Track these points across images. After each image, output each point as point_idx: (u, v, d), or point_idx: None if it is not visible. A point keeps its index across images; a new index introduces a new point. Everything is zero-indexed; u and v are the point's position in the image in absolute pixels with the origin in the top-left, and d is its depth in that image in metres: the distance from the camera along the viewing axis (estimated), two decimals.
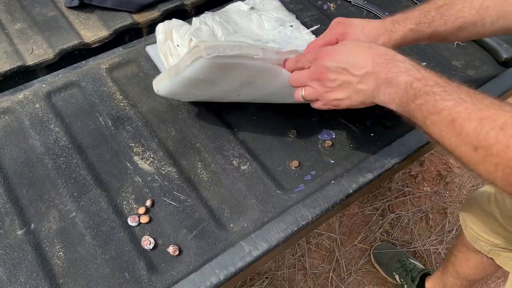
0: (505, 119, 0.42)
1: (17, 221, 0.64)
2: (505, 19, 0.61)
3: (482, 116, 0.43)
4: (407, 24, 0.63)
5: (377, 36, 0.63)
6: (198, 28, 0.83)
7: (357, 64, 0.54)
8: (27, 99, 0.79)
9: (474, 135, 0.43)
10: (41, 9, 0.96)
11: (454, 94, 0.46)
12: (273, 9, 0.92)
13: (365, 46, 0.56)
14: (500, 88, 0.84)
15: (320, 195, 0.69)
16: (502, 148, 0.42)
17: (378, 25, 0.63)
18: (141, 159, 0.73)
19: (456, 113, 0.45)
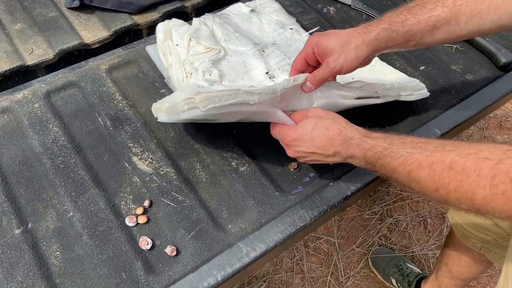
0: (451, 158, 0.47)
1: (15, 220, 0.64)
2: (479, 18, 0.61)
3: (431, 161, 0.49)
4: (380, 25, 0.64)
5: (349, 40, 0.64)
6: (197, 29, 0.83)
7: (322, 147, 0.62)
8: (26, 99, 0.79)
9: (430, 179, 0.49)
10: (41, 9, 0.96)
11: (401, 151, 0.53)
12: (273, 12, 0.93)
13: (323, 128, 0.62)
14: (499, 92, 0.85)
15: (318, 197, 0.69)
16: (457, 183, 0.46)
17: (350, 30, 0.65)
18: (140, 159, 0.72)
19: (409, 165, 0.51)
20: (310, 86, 0.67)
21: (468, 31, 0.63)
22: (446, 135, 0.79)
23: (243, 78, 0.78)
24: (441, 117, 0.80)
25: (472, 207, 0.46)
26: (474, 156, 0.45)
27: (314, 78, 0.66)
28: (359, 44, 0.64)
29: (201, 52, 0.80)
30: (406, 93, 0.77)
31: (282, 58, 0.81)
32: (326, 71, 0.66)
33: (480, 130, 1.85)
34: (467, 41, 0.94)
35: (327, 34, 0.66)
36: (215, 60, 0.79)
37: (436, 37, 0.64)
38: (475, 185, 0.44)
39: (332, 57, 0.64)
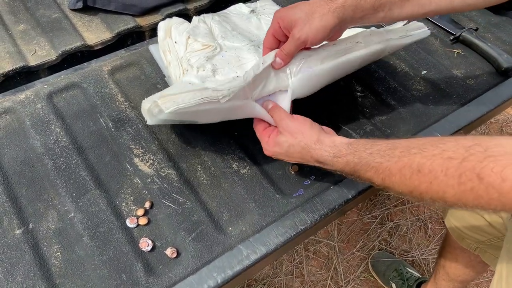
0: (418, 161, 0.49)
1: (16, 221, 0.64)
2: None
3: (400, 167, 0.51)
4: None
5: (313, 9, 0.62)
6: (195, 26, 0.83)
7: (302, 160, 0.64)
8: (28, 99, 0.79)
9: (402, 184, 0.51)
10: (44, 10, 0.96)
11: (371, 162, 0.55)
12: (273, 13, 0.93)
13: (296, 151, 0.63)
14: (500, 97, 0.85)
15: (319, 200, 0.69)
16: (427, 185, 0.48)
17: (315, 0, 0.63)
18: (141, 161, 0.73)
19: (381, 173, 0.53)
20: (280, 62, 0.66)
21: (437, 6, 0.63)
22: None
23: (236, 72, 0.78)
24: (442, 121, 0.80)
25: (446, 204, 0.48)
26: (439, 157, 0.47)
27: (282, 53, 0.65)
28: (324, 13, 0.62)
29: (198, 49, 0.80)
30: (397, 35, 0.72)
31: None
32: (292, 44, 0.64)
33: (482, 135, 1.85)
34: (469, 46, 0.94)
35: (292, 6, 0.65)
36: (210, 57, 0.79)
37: (405, 9, 0.63)
38: (443, 185, 0.46)
39: (297, 28, 0.63)
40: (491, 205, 0.43)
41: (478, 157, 0.43)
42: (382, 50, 0.73)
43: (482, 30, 0.99)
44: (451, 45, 0.95)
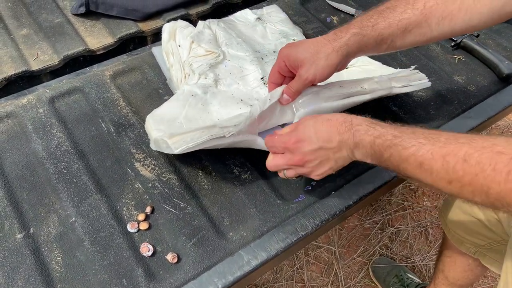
0: (465, 151, 0.46)
1: (17, 225, 0.64)
2: (450, 19, 0.61)
3: (445, 153, 0.47)
4: (350, 30, 0.63)
5: (318, 48, 0.63)
6: (200, 32, 0.84)
7: (328, 139, 0.58)
8: (30, 104, 0.80)
9: (443, 171, 0.48)
10: (47, 15, 0.97)
11: (413, 141, 0.50)
12: (279, 22, 0.93)
13: (324, 119, 0.59)
14: (501, 103, 0.85)
15: (320, 206, 0.69)
16: (471, 177, 0.45)
17: (319, 39, 0.64)
18: (142, 165, 0.73)
19: (420, 156, 0.49)
20: (288, 98, 0.67)
21: (439, 33, 0.63)
22: None
23: (238, 83, 0.79)
24: (443, 127, 0.80)
25: (487, 201, 0.45)
26: (489, 150, 0.44)
27: (290, 90, 0.66)
28: (329, 52, 0.63)
29: (201, 54, 0.81)
30: (400, 84, 0.74)
31: None
32: (299, 83, 0.65)
33: None
34: (470, 52, 0.94)
35: (297, 45, 0.66)
36: (212, 64, 0.79)
37: (407, 40, 0.64)
38: (490, 179, 0.44)
39: (303, 69, 0.64)
40: None
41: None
42: (385, 95, 0.75)
43: (483, 36, 0.99)
44: (452, 51, 0.95)
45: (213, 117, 0.72)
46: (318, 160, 0.60)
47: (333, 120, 0.58)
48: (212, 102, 0.74)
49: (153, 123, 0.69)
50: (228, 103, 0.74)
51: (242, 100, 0.74)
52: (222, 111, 0.73)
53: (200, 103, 0.74)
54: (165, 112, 0.71)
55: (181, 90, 0.75)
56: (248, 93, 0.77)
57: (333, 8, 1.04)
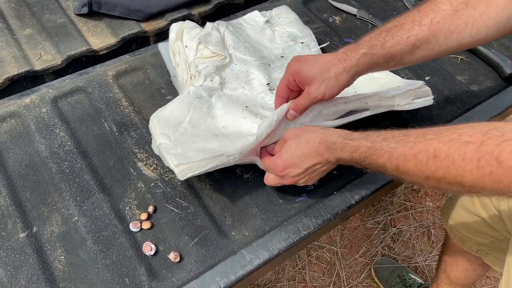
0: (434, 146, 0.48)
1: (20, 224, 0.65)
2: (457, 33, 0.61)
3: (415, 152, 0.50)
4: (359, 50, 0.64)
5: (329, 67, 0.64)
6: (208, 34, 0.84)
7: (311, 161, 0.62)
8: (33, 104, 0.80)
9: (418, 170, 0.50)
10: (50, 15, 0.97)
11: (385, 147, 0.53)
12: (288, 23, 0.93)
13: (304, 142, 0.62)
14: (504, 103, 0.85)
15: (322, 206, 0.69)
16: (444, 170, 0.47)
17: (330, 57, 0.65)
18: (145, 165, 0.73)
19: (395, 159, 0.52)
20: (294, 114, 0.68)
21: (447, 47, 0.64)
22: None
23: (244, 87, 0.79)
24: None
25: (463, 190, 0.47)
26: (456, 142, 0.46)
27: (298, 107, 0.67)
28: (339, 72, 0.64)
29: (207, 56, 0.81)
30: (405, 101, 0.75)
31: None
32: (308, 100, 0.66)
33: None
34: (473, 52, 0.94)
35: (307, 61, 0.66)
36: (219, 67, 0.80)
37: (416, 56, 0.65)
38: (461, 169, 0.45)
39: (313, 87, 0.65)
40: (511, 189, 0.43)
41: (496, 141, 0.43)
42: (388, 110, 0.76)
43: None
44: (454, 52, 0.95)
45: (218, 124, 0.72)
46: (308, 177, 0.65)
47: (311, 142, 0.61)
48: (217, 105, 0.74)
49: (157, 125, 0.70)
50: (233, 110, 0.73)
51: (247, 107, 0.74)
52: (227, 118, 0.73)
53: (205, 106, 0.74)
54: (170, 114, 0.71)
55: (187, 92, 0.75)
56: (254, 98, 0.78)
57: (335, 8, 1.04)
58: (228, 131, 0.71)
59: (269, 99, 0.78)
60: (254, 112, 0.74)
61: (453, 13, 0.61)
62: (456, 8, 0.60)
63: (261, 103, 0.77)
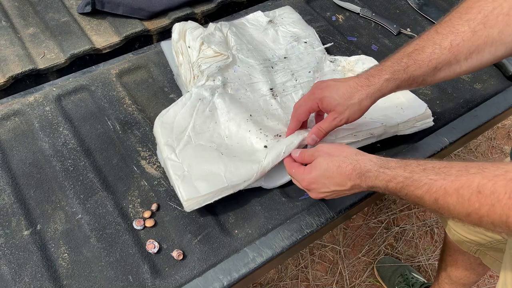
0: (478, 181, 0.45)
1: (24, 222, 0.65)
2: (477, 53, 0.62)
3: (458, 187, 0.47)
4: (382, 75, 0.65)
5: (352, 94, 0.65)
6: (211, 34, 0.84)
7: (340, 184, 0.61)
8: (37, 102, 0.80)
9: (459, 205, 0.47)
10: (54, 14, 0.97)
11: (424, 179, 0.51)
12: (291, 23, 0.93)
13: (335, 166, 0.60)
14: (507, 102, 0.85)
15: (325, 203, 0.69)
16: (488, 208, 0.44)
17: (352, 83, 0.66)
18: (148, 163, 0.73)
19: (434, 193, 0.49)
20: (316, 139, 0.69)
21: (468, 67, 0.64)
22: (454, 144, 0.79)
23: (246, 89, 0.79)
24: (449, 126, 0.80)
25: (508, 229, 0.44)
26: (502, 178, 0.44)
27: (321, 132, 0.68)
28: (362, 98, 0.65)
29: (210, 56, 0.81)
30: (406, 127, 0.76)
31: (288, 79, 0.82)
32: (332, 125, 0.67)
33: (488, 140, 1.84)
34: None
35: (329, 89, 0.67)
36: (222, 67, 0.80)
37: (437, 77, 0.65)
38: (507, 208, 0.43)
39: (337, 112, 0.66)
40: None
41: None
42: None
43: None
44: None
45: (221, 131, 0.73)
46: (333, 195, 0.63)
47: (343, 167, 0.60)
48: (219, 107, 0.74)
49: (161, 133, 0.71)
50: (237, 118, 0.73)
51: (252, 117, 0.74)
52: (231, 126, 0.73)
53: (208, 108, 0.74)
54: (173, 119, 0.72)
55: (189, 94, 0.76)
56: (256, 101, 0.78)
57: (338, 6, 1.04)
58: (232, 143, 0.72)
59: (272, 104, 0.78)
60: (259, 124, 0.73)
61: (472, 35, 0.61)
62: (474, 30, 0.60)
63: (265, 109, 0.77)
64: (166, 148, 0.69)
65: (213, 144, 0.71)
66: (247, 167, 0.67)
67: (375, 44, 0.95)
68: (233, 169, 0.67)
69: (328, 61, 0.87)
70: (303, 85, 0.81)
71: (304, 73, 0.83)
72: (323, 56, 0.87)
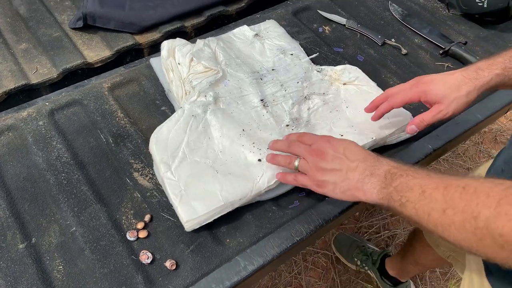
0: (466, 181, 0.49)
1: (19, 235, 0.66)
2: None
3: (447, 184, 0.50)
4: (492, 70, 0.67)
5: (459, 86, 0.67)
6: (200, 49, 0.86)
7: (352, 155, 0.63)
8: (30, 117, 0.81)
9: (441, 199, 0.50)
10: (46, 29, 0.99)
11: (423, 174, 0.55)
12: (277, 37, 0.95)
13: (354, 146, 0.65)
14: (489, 109, 0.87)
15: (314, 211, 0.71)
16: (465, 204, 0.47)
17: (459, 76, 0.68)
18: (141, 175, 0.75)
19: (425, 185, 0.53)
20: (416, 129, 0.72)
21: None
22: (439, 150, 0.81)
23: (238, 102, 0.81)
24: (433, 133, 0.82)
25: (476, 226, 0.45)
26: (489, 181, 0.47)
27: (422, 123, 0.71)
28: (470, 91, 0.67)
29: (201, 71, 0.83)
30: (394, 137, 0.79)
31: (278, 89, 0.84)
32: (436, 118, 0.69)
33: (476, 144, 1.88)
34: (458, 59, 0.97)
35: (435, 82, 0.69)
36: (212, 82, 0.81)
37: None
38: (481, 205, 0.45)
39: (444, 105, 0.68)
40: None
41: None
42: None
43: (471, 43, 1.01)
44: (441, 59, 0.98)
45: (215, 146, 0.74)
46: (332, 166, 0.64)
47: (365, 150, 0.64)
48: (212, 123, 0.76)
49: (156, 150, 0.72)
50: (231, 133, 0.75)
51: (244, 131, 0.76)
52: (224, 141, 0.75)
53: (201, 125, 0.76)
54: (167, 136, 0.74)
55: (181, 110, 0.77)
56: (248, 113, 0.80)
57: (324, 18, 1.07)
58: (226, 158, 0.73)
59: (264, 114, 0.80)
60: (252, 138, 0.75)
61: None
62: None
63: (257, 121, 0.79)
64: (162, 165, 0.71)
65: (208, 160, 0.72)
66: (242, 185, 0.69)
67: (361, 54, 0.98)
68: (229, 187, 0.69)
69: (315, 71, 0.89)
70: (292, 94, 0.83)
71: (292, 83, 0.85)
72: (310, 67, 0.89)
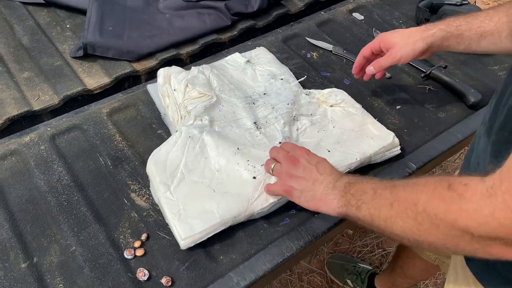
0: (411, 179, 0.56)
1: (21, 255, 0.69)
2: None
3: (396, 184, 0.57)
4: (437, 25, 0.79)
5: (410, 35, 0.80)
6: (195, 76, 0.91)
7: (322, 169, 0.70)
8: (32, 142, 0.85)
9: (389, 195, 0.56)
10: (47, 59, 1.04)
11: (376, 180, 0.62)
12: (267, 63, 1.00)
13: (330, 164, 0.72)
14: (469, 129, 0.92)
15: (303, 228, 0.74)
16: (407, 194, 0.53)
17: (413, 29, 0.81)
18: (138, 195, 0.78)
19: (377, 187, 0.60)
20: (373, 70, 0.84)
21: (505, 46, 0.76)
22: (421, 169, 0.85)
23: (232, 125, 0.86)
24: (416, 152, 0.87)
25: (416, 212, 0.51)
26: (429, 176, 0.53)
27: (378, 64, 0.84)
28: (417, 39, 0.79)
29: (195, 97, 0.87)
30: (378, 156, 0.83)
31: (269, 112, 0.89)
32: (388, 60, 0.82)
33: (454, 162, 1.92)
34: (439, 82, 1.02)
35: (392, 33, 0.83)
36: (207, 106, 0.86)
37: (481, 46, 0.78)
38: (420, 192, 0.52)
39: (394, 49, 0.81)
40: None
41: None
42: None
43: (452, 67, 1.07)
44: (422, 82, 1.03)
45: (212, 166, 0.78)
46: (302, 174, 0.70)
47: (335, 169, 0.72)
48: (208, 143, 0.80)
49: (155, 171, 0.76)
50: (226, 153, 0.79)
51: (239, 150, 0.80)
52: (221, 160, 0.78)
53: (197, 145, 0.80)
54: (165, 157, 0.77)
55: (179, 133, 0.81)
56: (242, 135, 0.84)
57: (312, 45, 1.12)
58: (222, 176, 0.77)
59: (257, 135, 0.84)
60: (246, 156, 0.79)
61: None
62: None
63: (251, 141, 0.83)
64: (161, 186, 0.74)
65: (205, 179, 0.76)
66: (237, 203, 0.73)
67: (347, 78, 1.03)
68: (225, 205, 0.72)
69: (304, 94, 0.94)
70: (284, 115, 0.88)
71: (283, 105, 0.90)
72: (299, 90, 0.94)
